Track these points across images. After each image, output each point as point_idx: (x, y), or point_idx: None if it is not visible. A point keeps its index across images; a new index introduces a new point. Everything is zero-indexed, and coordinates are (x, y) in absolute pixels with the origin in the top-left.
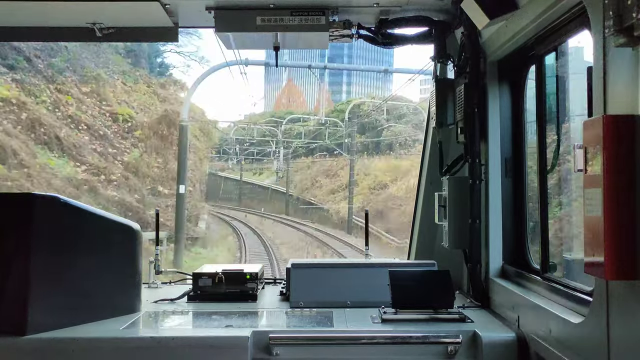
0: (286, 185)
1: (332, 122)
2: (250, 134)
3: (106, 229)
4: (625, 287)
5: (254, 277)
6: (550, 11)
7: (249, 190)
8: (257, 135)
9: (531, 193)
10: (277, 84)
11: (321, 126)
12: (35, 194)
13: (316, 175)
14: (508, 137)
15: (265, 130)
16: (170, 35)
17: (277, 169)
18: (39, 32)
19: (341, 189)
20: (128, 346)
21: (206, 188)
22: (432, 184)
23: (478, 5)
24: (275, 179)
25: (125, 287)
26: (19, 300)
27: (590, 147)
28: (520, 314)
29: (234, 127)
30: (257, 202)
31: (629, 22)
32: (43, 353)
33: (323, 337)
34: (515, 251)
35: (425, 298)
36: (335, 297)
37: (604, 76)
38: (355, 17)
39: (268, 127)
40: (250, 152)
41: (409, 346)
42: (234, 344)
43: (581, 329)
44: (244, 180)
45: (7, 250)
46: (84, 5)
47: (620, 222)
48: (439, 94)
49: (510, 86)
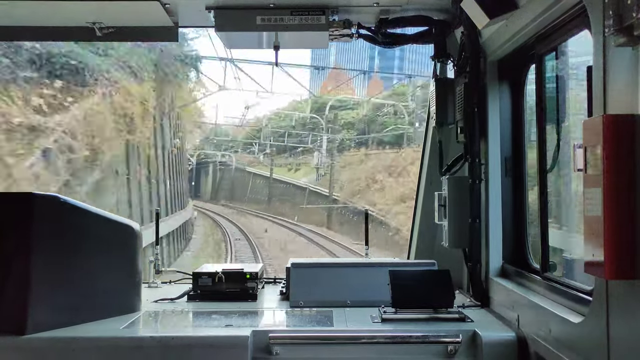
0: (329, 186)
1: (388, 109)
2: (289, 124)
3: (106, 228)
4: (625, 287)
5: (253, 276)
6: (550, 11)
7: (281, 191)
8: (298, 126)
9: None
10: (322, 73)
11: (378, 112)
12: (35, 193)
13: (373, 173)
14: (508, 137)
15: (307, 119)
16: (170, 34)
17: (317, 164)
18: (39, 32)
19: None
20: (128, 345)
21: (230, 185)
22: (432, 184)
23: (478, 4)
24: (315, 178)
25: (125, 286)
26: (19, 300)
27: (590, 146)
28: (520, 314)
29: (268, 116)
30: (290, 207)
31: (629, 21)
32: (43, 352)
33: (323, 337)
34: (515, 251)
35: (425, 298)
36: (335, 296)
37: (604, 76)
38: (355, 16)
39: (310, 115)
40: (282, 143)
41: (409, 346)
42: (234, 344)
43: (581, 328)
44: (275, 178)
45: (7, 250)
46: (84, 5)
47: (620, 221)
48: (439, 93)
49: (510, 86)
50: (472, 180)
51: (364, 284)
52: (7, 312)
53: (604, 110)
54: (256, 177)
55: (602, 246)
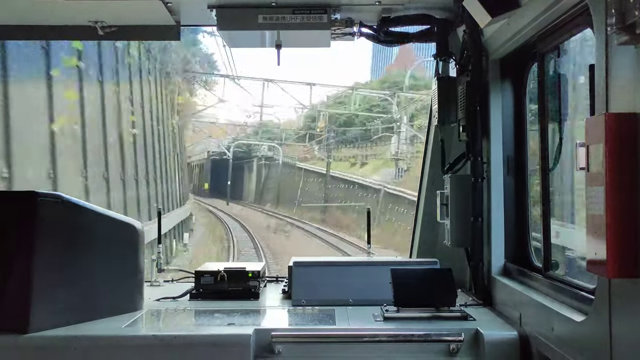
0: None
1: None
2: (352, 108)
3: (108, 227)
4: (628, 285)
5: (256, 275)
6: (553, 9)
7: (343, 193)
8: (361, 109)
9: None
10: (388, 56)
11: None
12: (38, 192)
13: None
14: (510, 135)
15: (375, 99)
16: (172, 33)
17: (396, 154)
18: (40, 31)
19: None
20: (130, 344)
21: (277, 186)
22: (434, 182)
23: (480, 3)
24: (395, 174)
25: (128, 285)
26: (22, 299)
27: (593, 145)
28: (523, 312)
29: (325, 101)
30: (356, 219)
31: (632, 19)
32: (45, 351)
33: (325, 335)
34: (517, 249)
35: (428, 296)
36: (337, 295)
37: (606, 74)
38: (357, 15)
39: (378, 94)
40: (344, 129)
41: (411, 344)
42: (236, 342)
43: (583, 327)
44: (333, 176)
45: (10, 249)
46: (86, 4)
47: (622, 220)
48: (441, 92)
49: (513, 84)
50: (474, 178)
51: (366, 283)
52: (9, 311)
53: (606, 109)
54: (309, 174)
55: (605, 244)
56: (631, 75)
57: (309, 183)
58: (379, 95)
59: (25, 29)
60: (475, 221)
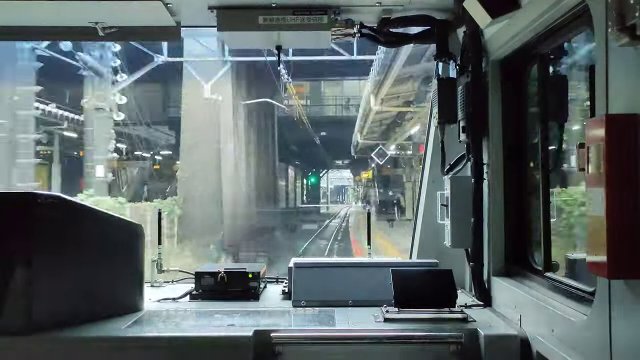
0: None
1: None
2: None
3: (109, 228)
4: (628, 286)
5: (256, 276)
6: (553, 10)
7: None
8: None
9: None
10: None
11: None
12: (37, 192)
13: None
14: (510, 136)
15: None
16: (172, 34)
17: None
18: (40, 31)
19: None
20: (130, 345)
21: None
22: (434, 183)
23: (480, 4)
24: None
25: (128, 286)
26: (22, 300)
27: (593, 146)
28: (523, 313)
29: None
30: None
31: (632, 21)
32: (45, 353)
33: (325, 336)
34: (517, 250)
35: (428, 297)
36: (337, 296)
37: (606, 75)
38: (357, 16)
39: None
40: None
41: (412, 345)
42: (236, 343)
43: (584, 328)
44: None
45: (10, 250)
46: (86, 5)
47: (622, 221)
48: (441, 92)
49: (513, 85)
50: (474, 179)
51: (367, 284)
52: (9, 313)
53: (607, 110)
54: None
55: (605, 245)
56: (631, 76)
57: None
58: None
59: (24, 30)
60: (475, 222)
